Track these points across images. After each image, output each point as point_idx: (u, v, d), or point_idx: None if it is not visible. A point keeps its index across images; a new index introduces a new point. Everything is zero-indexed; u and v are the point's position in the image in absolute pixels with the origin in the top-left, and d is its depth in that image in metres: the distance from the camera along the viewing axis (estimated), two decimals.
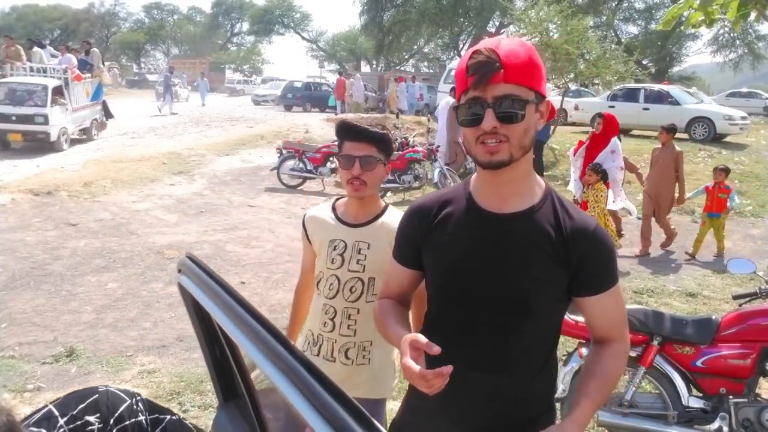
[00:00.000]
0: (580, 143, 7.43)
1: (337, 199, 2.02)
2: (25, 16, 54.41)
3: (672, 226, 7.39)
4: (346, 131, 1.85)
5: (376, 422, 0.63)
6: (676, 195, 7.15)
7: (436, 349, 1.11)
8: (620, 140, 7.58)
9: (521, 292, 1.25)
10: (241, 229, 7.56)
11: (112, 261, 6.02)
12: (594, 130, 7.29)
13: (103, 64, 16.11)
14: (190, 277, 1.09)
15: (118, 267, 5.84)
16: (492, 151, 1.18)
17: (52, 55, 14.58)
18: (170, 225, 7.63)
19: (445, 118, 10.94)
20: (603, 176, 6.50)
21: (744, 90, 27.66)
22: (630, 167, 7.57)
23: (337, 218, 1.92)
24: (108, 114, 14.90)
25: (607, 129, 7.03)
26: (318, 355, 1.90)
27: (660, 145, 7.20)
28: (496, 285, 1.25)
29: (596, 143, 7.01)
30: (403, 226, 1.42)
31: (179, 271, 1.14)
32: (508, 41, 1.19)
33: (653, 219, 7.18)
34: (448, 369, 1.08)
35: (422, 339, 1.14)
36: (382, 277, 1.65)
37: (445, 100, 11.65)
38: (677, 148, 7.05)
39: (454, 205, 1.33)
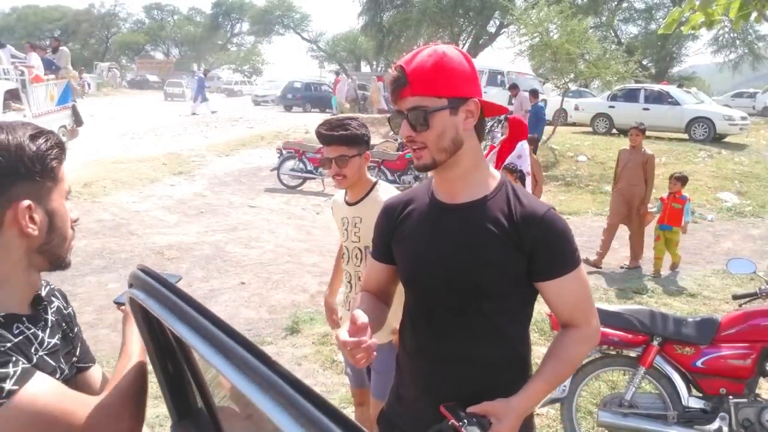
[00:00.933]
0: (491, 148, 7.18)
1: None
2: (25, 17, 54.52)
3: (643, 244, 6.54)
4: (319, 138, 2.19)
5: (362, 427, 0.61)
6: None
7: (362, 321, 1.17)
8: (535, 147, 7.39)
9: (479, 275, 1.31)
10: (241, 230, 7.57)
11: (112, 261, 6.02)
12: (503, 136, 6.86)
13: (71, 64, 14.60)
14: (144, 290, 1.03)
15: (119, 267, 5.84)
16: (417, 157, 1.32)
17: (13, 56, 12.99)
18: (170, 225, 7.63)
19: None
20: (520, 177, 6.12)
21: (751, 90, 27.45)
22: (537, 177, 6.95)
23: (345, 199, 2.34)
24: (78, 121, 13.01)
25: (513, 133, 6.67)
26: (348, 309, 2.29)
27: (629, 147, 6.47)
28: (455, 271, 1.33)
29: (506, 148, 6.62)
30: (376, 225, 1.54)
31: (130, 285, 1.08)
32: (422, 54, 1.28)
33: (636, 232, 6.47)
34: (372, 344, 1.16)
35: (359, 312, 1.22)
36: None
37: None
38: (648, 151, 6.43)
39: (417, 201, 1.45)
